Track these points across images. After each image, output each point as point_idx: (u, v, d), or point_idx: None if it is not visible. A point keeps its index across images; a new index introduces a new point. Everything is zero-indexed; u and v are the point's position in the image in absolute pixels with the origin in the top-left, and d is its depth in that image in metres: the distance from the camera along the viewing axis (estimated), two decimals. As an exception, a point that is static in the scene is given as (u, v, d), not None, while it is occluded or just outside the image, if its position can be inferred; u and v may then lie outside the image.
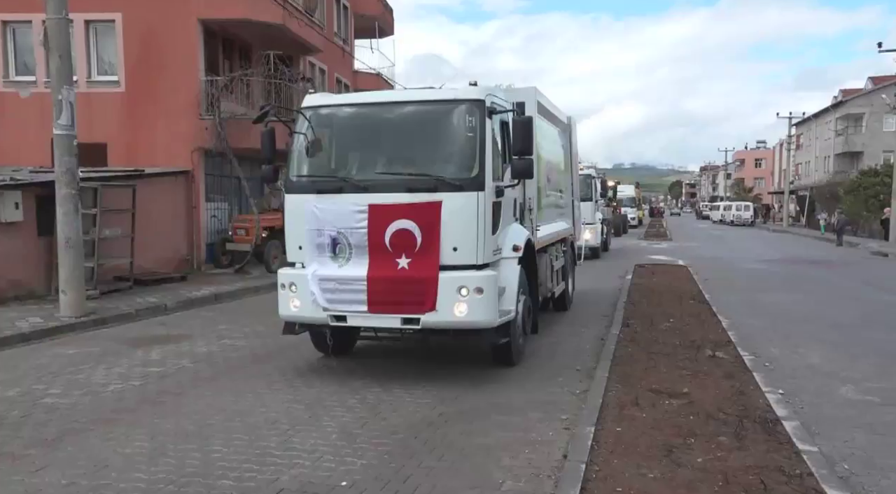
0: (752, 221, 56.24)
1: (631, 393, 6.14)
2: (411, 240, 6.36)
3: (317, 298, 6.61)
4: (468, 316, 6.31)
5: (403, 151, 6.88)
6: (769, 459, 4.63)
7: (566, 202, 11.53)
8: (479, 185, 6.41)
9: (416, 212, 6.35)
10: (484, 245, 6.43)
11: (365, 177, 6.74)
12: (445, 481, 4.43)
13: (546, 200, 9.44)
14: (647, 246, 29.25)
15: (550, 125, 10.19)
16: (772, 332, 9.50)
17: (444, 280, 6.30)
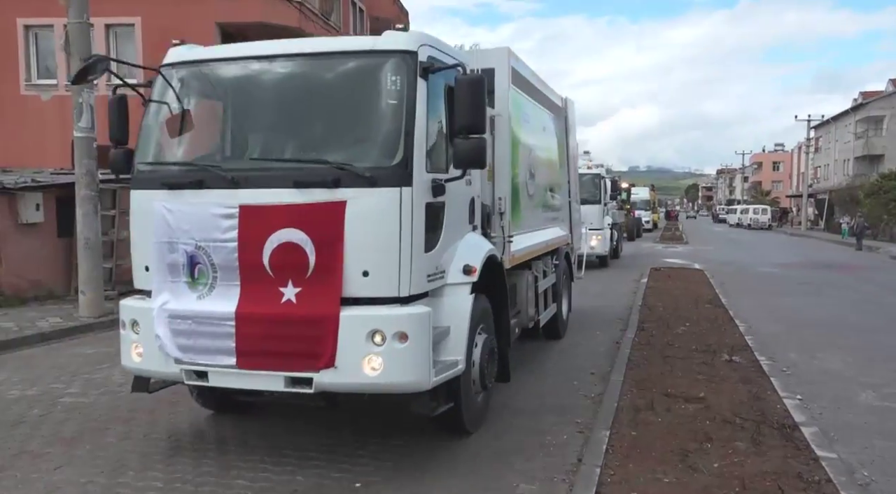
0: (770, 225, 55.69)
1: (646, 397, 6.10)
2: (301, 260, 4.30)
3: (164, 345, 4.54)
4: (384, 376, 4.24)
5: (295, 127, 4.78)
6: (787, 465, 4.58)
7: (560, 203, 9.38)
8: (403, 178, 4.31)
9: (308, 218, 4.30)
10: (411, 267, 4.34)
11: (236, 165, 4.71)
12: (459, 483, 4.43)
13: (528, 201, 7.30)
14: (662, 249, 29.06)
15: (535, 104, 7.80)
16: (789, 337, 9.39)
17: (349, 320, 4.24)
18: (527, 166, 7.23)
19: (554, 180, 8.94)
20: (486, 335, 5.33)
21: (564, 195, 9.68)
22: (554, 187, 8.92)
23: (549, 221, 8.55)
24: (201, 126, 5.08)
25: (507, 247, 6.18)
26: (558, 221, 9.17)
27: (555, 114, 9.08)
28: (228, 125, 5.05)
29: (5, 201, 11.26)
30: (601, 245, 18.74)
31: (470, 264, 4.95)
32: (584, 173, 17.46)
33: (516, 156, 6.64)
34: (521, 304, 6.93)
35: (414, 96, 4.42)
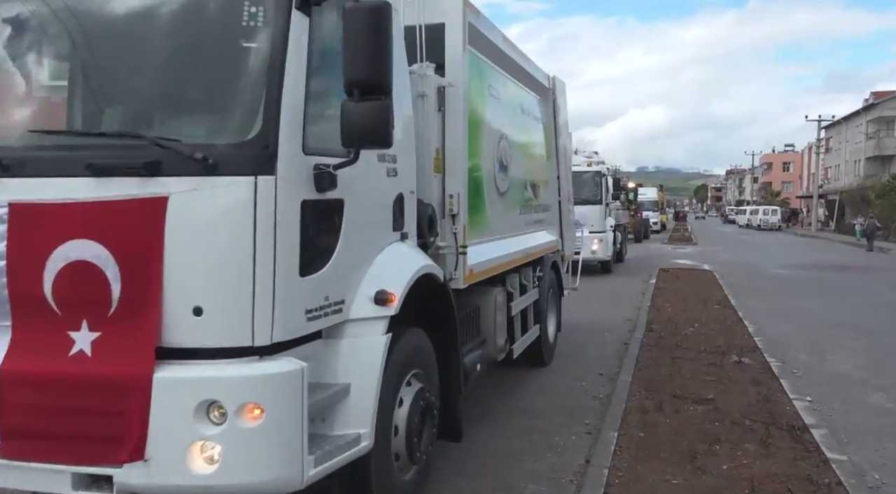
0: (780, 226, 55.39)
1: (655, 399, 6.09)
2: (100, 290, 2.83)
3: None
4: (223, 474, 2.77)
5: (101, 83, 3.32)
6: (797, 467, 4.56)
7: (548, 203, 7.82)
8: (260, 161, 2.87)
9: (108, 224, 2.85)
10: (274, 300, 2.90)
11: (4, 141, 3.19)
12: (468, 484, 4.44)
13: (498, 200, 5.80)
14: (671, 250, 28.96)
15: (509, 79, 6.28)
16: (799, 338, 9.34)
17: (169, 385, 2.77)
18: (495, 155, 5.75)
19: (538, 175, 7.35)
20: (418, 385, 3.84)
21: (553, 193, 8.07)
22: (538, 183, 7.32)
23: (532, 225, 7.02)
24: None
25: (461, 260, 4.70)
26: (544, 224, 7.56)
27: (539, 95, 7.55)
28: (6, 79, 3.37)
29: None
30: (603, 249, 17.23)
31: (386, 290, 3.44)
32: (584, 170, 16.91)
33: (477, 141, 5.20)
34: (487, 332, 5.45)
35: (285, 37, 2.91)
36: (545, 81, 7.91)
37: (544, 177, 7.68)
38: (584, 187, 16.25)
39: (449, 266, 4.64)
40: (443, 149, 4.67)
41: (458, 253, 4.73)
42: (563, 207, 8.45)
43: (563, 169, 8.47)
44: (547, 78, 8.00)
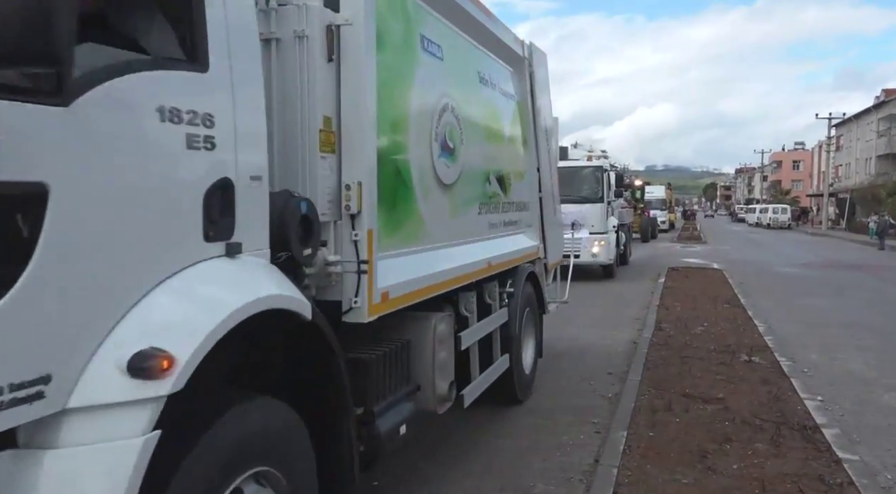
0: (790, 224, 55.03)
1: (664, 398, 6.06)
2: None
3: None
4: None
5: None
6: (808, 467, 4.52)
7: (523, 200, 6.28)
8: None
9: None
10: None
11: None
12: (475, 483, 4.43)
13: (439, 194, 4.35)
14: (680, 249, 28.83)
15: (457, 32, 4.81)
16: (810, 338, 9.27)
17: None
18: (434, 133, 4.22)
19: (508, 164, 5.79)
20: None
21: (531, 188, 6.52)
22: (508, 175, 5.76)
23: (499, 227, 5.58)
24: None
25: (363, 281, 3.26)
26: (519, 226, 6.10)
27: (511, 66, 6.08)
28: None
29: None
30: (605, 252, 15.66)
31: (156, 348, 1.92)
32: (582, 165, 16.05)
33: (398, 110, 3.79)
34: (422, 376, 4.00)
35: None
36: (518, 48, 6.25)
37: (518, 168, 6.02)
38: (583, 184, 15.60)
39: (347, 290, 3.23)
40: (337, 118, 3.24)
41: (361, 271, 3.24)
42: (546, 205, 6.79)
43: (545, 159, 6.74)
44: (521, 44, 6.36)
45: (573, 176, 14.77)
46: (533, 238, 6.48)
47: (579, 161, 16.38)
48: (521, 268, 5.98)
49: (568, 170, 13.87)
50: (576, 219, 13.32)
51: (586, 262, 14.97)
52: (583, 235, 14.83)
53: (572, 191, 13.99)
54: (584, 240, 14.96)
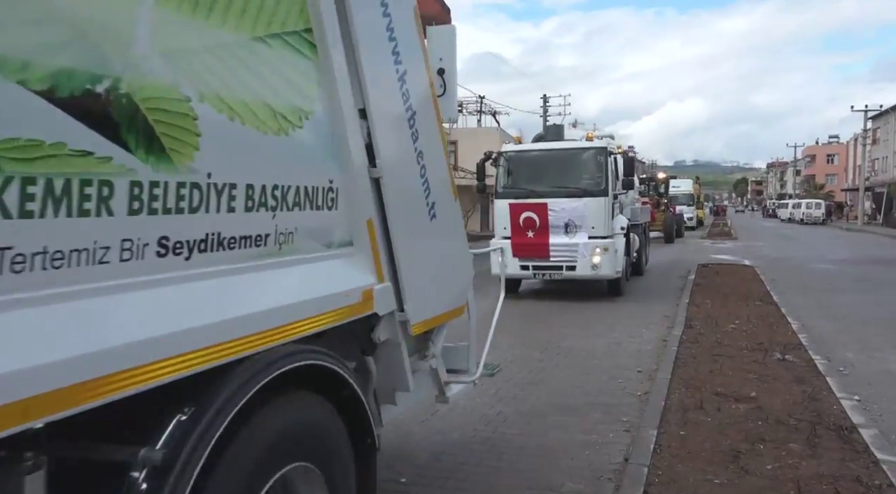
0: (824, 219, 53.86)
1: (695, 397, 5.97)
2: None
3: None
4: None
5: None
6: (845, 468, 4.42)
7: (290, 179, 2.40)
8: None
9: None
10: None
11: None
12: (504, 481, 4.41)
13: None
14: (710, 245, 28.38)
15: None
16: (846, 336, 9.06)
17: None
18: None
19: (233, 145, 2.12)
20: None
21: (327, 153, 2.67)
22: (234, 164, 2.13)
23: (188, 257, 1.95)
24: None
25: None
26: (288, 250, 2.40)
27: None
28: None
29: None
30: (609, 262, 11.55)
31: None
32: (578, 147, 12.36)
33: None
34: None
35: None
36: None
37: (279, 152, 2.38)
38: (579, 172, 12.03)
39: None
40: None
41: None
42: (402, 198, 3.23)
43: (388, 96, 3.19)
44: None
45: (566, 161, 12.24)
46: (355, 271, 2.85)
47: (575, 142, 13.01)
48: (260, 364, 2.12)
49: (558, 154, 12.39)
50: (570, 218, 11.64)
51: (585, 276, 11.85)
52: (579, 240, 11.61)
53: (565, 182, 11.93)
54: (580, 247, 11.58)
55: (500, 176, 12.35)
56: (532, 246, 11.80)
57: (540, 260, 11.88)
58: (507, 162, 12.36)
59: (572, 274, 11.68)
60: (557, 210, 11.61)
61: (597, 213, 11.71)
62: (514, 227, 11.92)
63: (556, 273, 11.96)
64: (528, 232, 11.81)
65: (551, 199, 11.71)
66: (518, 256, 11.85)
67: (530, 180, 12.09)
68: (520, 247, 11.79)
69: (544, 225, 11.70)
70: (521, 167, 12.30)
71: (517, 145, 13.36)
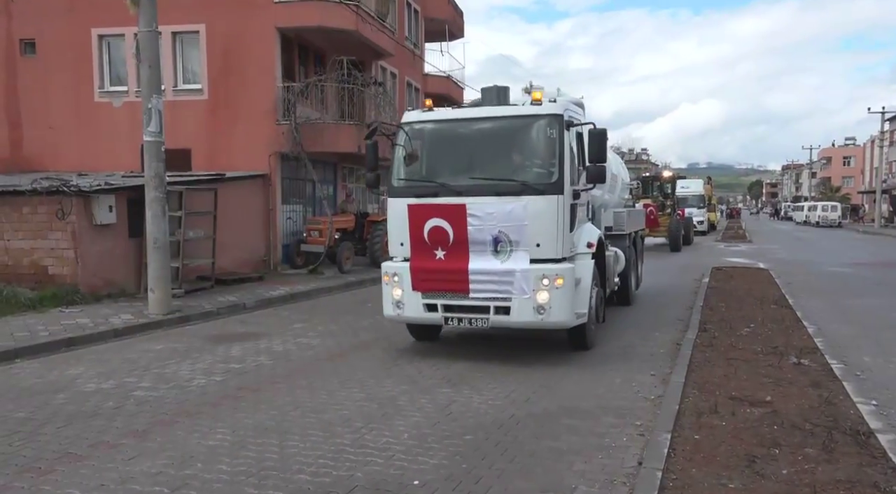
0: (840, 222, 53.28)
1: (709, 400, 5.93)
2: None
3: None
4: None
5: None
6: (862, 473, 4.37)
7: None
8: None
9: None
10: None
11: None
12: (517, 483, 4.41)
13: None
14: (723, 248, 28.17)
15: None
16: (863, 340, 8.96)
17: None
18: None
19: None
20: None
21: None
22: None
23: None
24: None
25: None
26: None
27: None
28: None
29: (81, 203, 11.84)
30: (564, 300, 7.44)
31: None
32: (519, 114, 7.77)
33: None
34: None
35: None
36: None
37: None
38: (517, 155, 7.72)
39: None
40: None
41: None
42: None
43: None
44: None
45: (498, 138, 7.79)
46: None
47: (514, 108, 8.00)
48: None
49: (486, 127, 7.83)
50: (501, 228, 7.34)
51: (525, 324, 7.57)
52: (515, 265, 7.37)
53: (495, 171, 7.60)
54: (518, 276, 7.34)
55: (396, 161, 8.03)
56: (441, 273, 7.59)
57: (454, 297, 7.62)
58: (407, 139, 7.93)
59: (504, 319, 7.47)
60: (481, 215, 7.35)
61: (545, 221, 7.35)
62: (416, 243, 7.70)
63: (478, 318, 7.56)
64: (436, 250, 7.60)
65: (473, 199, 7.42)
66: (420, 290, 7.72)
67: (442, 168, 7.86)
68: (423, 274, 7.67)
69: (461, 239, 7.47)
70: (429, 147, 7.98)
71: (424, 112, 8.28)
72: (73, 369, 7.67)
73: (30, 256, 12.01)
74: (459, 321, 7.73)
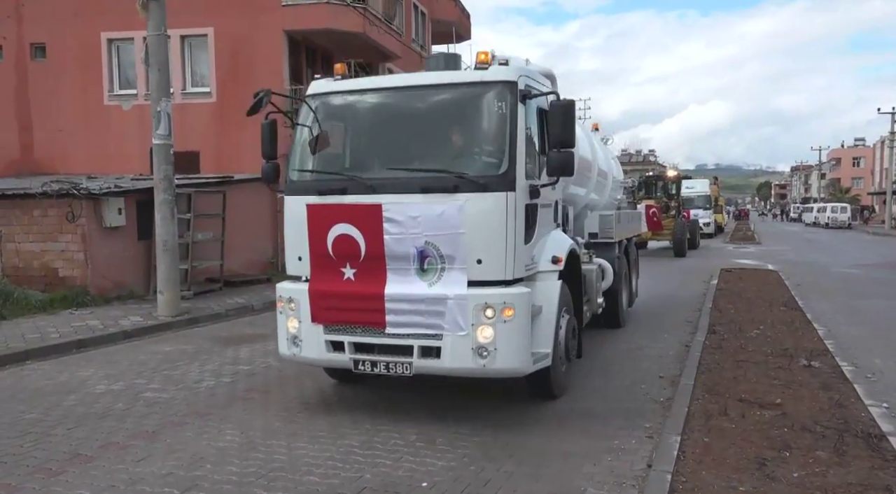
0: (850, 224, 52.93)
1: (719, 403, 5.91)
2: None
3: None
4: None
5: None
6: (874, 477, 4.34)
7: None
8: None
9: None
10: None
11: None
12: (525, 486, 4.41)
13: None
14: (732, 249, 28.04)
15: None
16: (873, 341, 8.90)
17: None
18: None
19: None
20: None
21: None
22: None
23: None
24: None
25: None
26: None
27: None
28: None
29: (91, 206, 11.92)
30: (516, 338, 5.38)
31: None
32: (458, 82, 5.80)
33: None
34: None
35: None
36: None
37: None
38: (453, 137, 5.86)
39: None
40: None
41: None
42: None
43: None
44: None
45: (429, 115, 5.93)
46: None
47: (453, 74, 6.07)
48: None
49: (414, 100, 5.94)
50: (429, 238, 5.43)
51: (461, 370, 5.58)
52: (447, 289, 5.44)
53: (422, 159, 5.80)
54: (451, 305, 5.40)
55: (296, 146, 6.31)
56: (350, 299, 5.65)
57: (367, 333, 5.67)
58: (313, 116, 6.09)
59: (433, 365, 5.51)
60: (403, 220, 5.42)
61: (489, 228, 5.40)
62: (317, 258, 5.81)
63: (398, 362, 5.55)
64: (342, 268, 5.68)
65: (391, 198, 5.50)
66: (322, 321, 5.80)
67: (355, 155, 6.16)
68: (325, 301, 5.75)
69: (376, 253, 5.54)
70: (339, 126, 6.26)
71: (335, 81, 6.27)
72: (83, 370, 7.71)
73: (40, 258, 12.09)
74: (373, 365, 5.60)
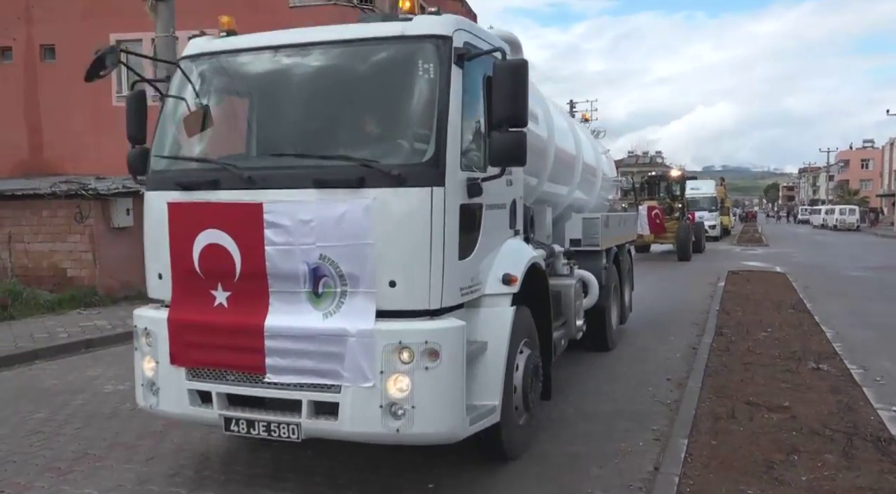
0: (858, 226, 52.65)
1: (726, 405, 5.88)
2: None
3: None
4: None
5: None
6: (884, 481, 4.31)
7: None
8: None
9: None
10: None
11: None
12: (531, 488, 4.40)
13: None
14: (739, 252, 27.92)
15: None
16: (882, 344, 8.84)
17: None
18: None
19: None
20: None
21: None
22: None
23: None
24: None
25: None
26: None
27: None
28: None
29: (99, 206, 11.99)
30: (441, 396, 3.86)
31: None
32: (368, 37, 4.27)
33: None
34: None
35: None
36: None
37: None
38: (349, 108, 4.34)
39: None
40: None
41: None
42: None
43: None
44: None
45: (329, 80, 4.46)
46: None
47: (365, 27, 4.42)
48: None
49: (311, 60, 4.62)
50: (323, 251, 3.91)
51: (368, 436, 4.00)
52: (349, 323, 3.88)
53: (318, 141, 4.31)
54: (352, 344, 3.84)
55: (162, 125, 5.09)
56: (220, 333, 4.21)
57: (242, 382, 4.20)
58: (188, 85, 4.87)
59: (329, 427, 3.97)
60: (290, 225, 3.97)
61: (407, 237, 3.96)
62: (179, 275, 4.36)
63: (282, 422, 4.03)
64: (212, 289, 4.21)
65: (275, 194, 4.07)
66: (184, 364, 4.37)
67: (232, 137, 4.97)
68: (188, 335, 4.33)
69: (254, 269, 4.07)
70: (220, 99, 5.00)
71: (217, 39, 5.23)
72: (91, 370, 7.75)
73: (49, 259, 12.17)
74: (250, 425, 4.10)
